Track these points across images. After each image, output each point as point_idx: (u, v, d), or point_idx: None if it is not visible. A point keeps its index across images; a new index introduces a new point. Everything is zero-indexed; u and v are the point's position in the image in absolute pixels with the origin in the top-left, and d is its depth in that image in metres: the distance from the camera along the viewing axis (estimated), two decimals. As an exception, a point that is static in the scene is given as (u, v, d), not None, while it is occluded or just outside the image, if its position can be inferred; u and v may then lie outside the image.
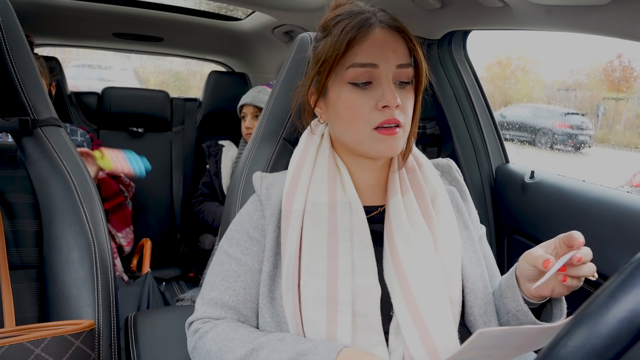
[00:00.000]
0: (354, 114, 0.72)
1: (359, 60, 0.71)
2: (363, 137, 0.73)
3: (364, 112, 0.71)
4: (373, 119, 0.71)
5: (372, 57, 0.71)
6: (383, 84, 0.71)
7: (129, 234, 1.86)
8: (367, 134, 0.72)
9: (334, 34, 0.73)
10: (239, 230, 0.79)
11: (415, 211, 0.75)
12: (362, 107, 0.71)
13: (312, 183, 0.77)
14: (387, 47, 0.71)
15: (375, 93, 0.71)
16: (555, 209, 1.26)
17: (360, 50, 0.71)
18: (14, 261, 0.85)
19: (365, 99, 0.71)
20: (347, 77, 0.72)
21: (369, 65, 0.71)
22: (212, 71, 2.37)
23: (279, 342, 0.68)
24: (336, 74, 0.73)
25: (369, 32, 0.71)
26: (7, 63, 0.89)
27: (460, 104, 1.56)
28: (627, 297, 0.34)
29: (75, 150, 0.97)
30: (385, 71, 0.71)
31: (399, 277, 0.70)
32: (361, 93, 0.72)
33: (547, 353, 0.35)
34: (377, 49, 0.71)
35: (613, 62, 2.19)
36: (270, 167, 1.03)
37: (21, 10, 0.93)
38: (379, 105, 0.70)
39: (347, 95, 0.72)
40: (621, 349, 0.32)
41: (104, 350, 0.83)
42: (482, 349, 0.56)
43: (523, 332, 0.55)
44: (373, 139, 0.72)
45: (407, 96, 0.73)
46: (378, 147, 0.72)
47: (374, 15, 0.73)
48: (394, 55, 0.71)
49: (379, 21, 0.72)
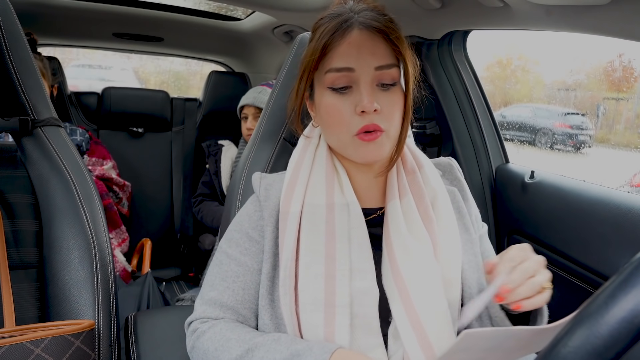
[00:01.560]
0: (335, 120, 0.71)
1: (335, 65, 0.69)
2: (345, 143, 0.72)
3: (344, 117, 0.70)
4: (353, 125, 0.70)
5: (348, 60, 0.69)
6: (360, 87, 0.69)
7: (120, 234, 1.86)
8: (349, 140, 0.71)
9: (314, 38, 0.72)
10: (238, 231, 0.79)
11: (413, 215, 0.74)
12: (341, 112, 0.70)
13: (309, 184, 0.76)
14: (364, 49, 0.69)
15: (354, 97, 0.69)
16: (555, 209, 1.26)
17: (336, 54, 0.69)
18: (14, 261, 0.85)
19: (345, 104, 0.70)
20: (326, 82, 0.71)
21: (345, 70, 0.69)
22: (212, 71, 2.37)
23: (274, 343, 0.67)
24: (318, 79, 0.73)
25: (345, 35, 0.69)
26: (7, 63, 0.89)
27: (460, 104, 1.56)
28: (627, 297, 0.34)
29: (76, 150, 0.97)
30: (363, 74, 0.69)
31: (396, 283, 0.70)
32: (341, 98, 0.70)
33: (547, 353, 0.35)
34: (353, 52, 0.69)
35: (613, 62, 2.19)
36: (270, 167, 1.03)
37: (21, 10, 0.93)
38: (357, 110, 0.69)
39: (327, 100, 0.71)
40: (621, 349, 0.32)
41: (104, 350, 0.83)
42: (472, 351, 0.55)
43: (511, 333, 0.54)
44: (355, 145, 0.71)
45: (392, 99, 0.70)
46: (360, 153, 0.71)
47: (355, 16, 0.70)
48: (372, 57, 0.69)
49: (358, 22, 0.69)
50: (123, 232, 1.87)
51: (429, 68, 1.55)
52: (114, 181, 1.87)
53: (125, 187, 1.94)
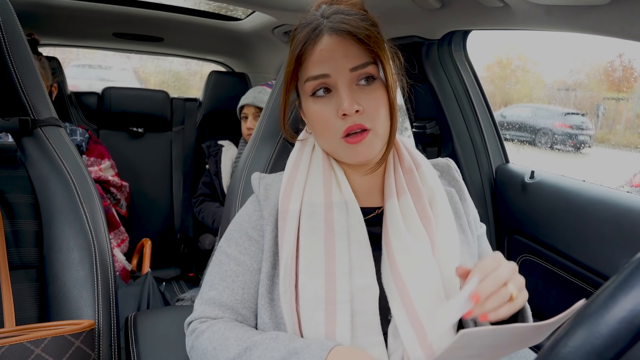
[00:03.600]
0: (321, 125, 0.73)
1: (311, 73, 0.71)
2: (334, 146, 0.74)
3: (329, 122, 0.72)
4: (338, 128, 0.71)
5: (322, 67, 0.70)
6: (339, 91, 0.70)
7: (119, 234, 1.86)
8: (337, 144, 0.72)
9: (290, 49, 0.74)
10: (238, 231, 0.79)
11: (412, 214, 0.74)
12: (326, 117, 0.72)
13: (307, 183, 0.77)
14: (336, 53, 0.70)
15: (335, 101, 0.71)
16: (555, 209, 1.26)
17: (310, 63, 0.71)
18: (14, 261, 0.85)
19: (328, 109, 0.71)
20: (307, 90, 0.73)
21: (321, 77, 0.71)
22: (212, 71, 2.37)
23: (272, 341, 0.68)
24: (301, 88, 0.75)
25: (316, 43, 0.71)
26: (7, 63, 0.89)
27: (460, 104, 1.56)
28: (627, 297, 0.34)
29: (76, 150, 0.97)
30: (340, 78, 0.70)
31: (396, 281, 0.70)
32: (323, 103, 0.72)
33: (547, 353, 0.35)
34: (326, 58, 0.70)
35: (613, 62, 2.19)
36: (270, 167, 1.03)
37: (21, 10, 0.93)
38: (339, 113, 0.70)
39: (312, 107, 0.73)
40: (621, 348, 0.32)
41: (104, 350, 0.83)
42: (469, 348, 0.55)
43: (507, 331, 0.55)
44: (343, 147, 0.72)
45: (374, 96, 0.71)
46: (349, 155, 0.73)
47: (324, 21, 0.71)
48: (345, 59, 0.70)
49: (327, 28, 0.71)
50: (122, 232, 1.87)
51: (429, 68, 1.55)
52: (110, 183, 1.86)
53: (123, 188, 1.93)
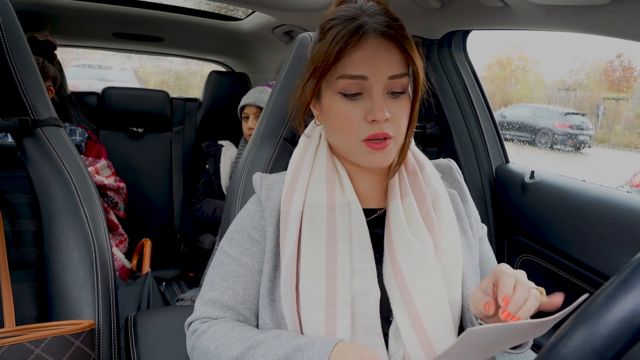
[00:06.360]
0: (343, 125, 0.71)
1: (348, 72, 0.69)
2: (352, 147, 0.72)
3: (353, 123, 0.70)
4: (362, 131, 0.70)
5: (362, 69, 0.68)
6: (373, 96, 0.68)
7: (117, 235, 1.86)
8: (357, 145, 0.71)
9: (326, 40, 0.70)
10: (239, 231, 0.79)
11: (415, 215, 0.74)
12: (351, 118, 0.70)
13: (310, 184, 0.76)
14: (378, 57, 0.68)
15: (365, 104, 0.69)
16: (555, 209, 1.26)
17: (350, 61, 0.68)
18: (14, 261, 0.85)
19: (355, 110, 0.70)
20: (337, 87, 0.70)
21: (358, 78, 0.68)
22: (212, 71, 2.37)
23: (275, 339, 0.68)
24: (328, 82, 0.72)
25: (360, 42, 0.68)
26: (7, 63, 0.89)
27: (460, 104, 1.56)
28: (627, 297, 0.34)
29: (76, 150, 0.97)
30: (376, 83, 0.68)
31: (398, 283, 0.70)
32: (351, 104, 0.70)
33: (547, 353, 0.35)
34: (368, 60, 0.68)
35: (613, 62, 2.19)
36: (270, 167, 1.03)
37: (21, 10, 0.93)
38: (368, 118, 0.69)
39: (338, 105, 0.71)
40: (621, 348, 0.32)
41: (104, 350, 0.83)
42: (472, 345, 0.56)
43: (511, 327, 0.56)
44: (362, 150, 0.71)
45: (401, 106, 0.71)
46: (367, 160, 0.71)
47: (370, 20, 0.69)
48: (386, 66, 0.68)
49: (373, 28, 0.68)
50: (121, 234, 1.87)
51: (429, 68, 1.55)
52: (107, 187, 1.84)
53: (120, 190, 1.91)
